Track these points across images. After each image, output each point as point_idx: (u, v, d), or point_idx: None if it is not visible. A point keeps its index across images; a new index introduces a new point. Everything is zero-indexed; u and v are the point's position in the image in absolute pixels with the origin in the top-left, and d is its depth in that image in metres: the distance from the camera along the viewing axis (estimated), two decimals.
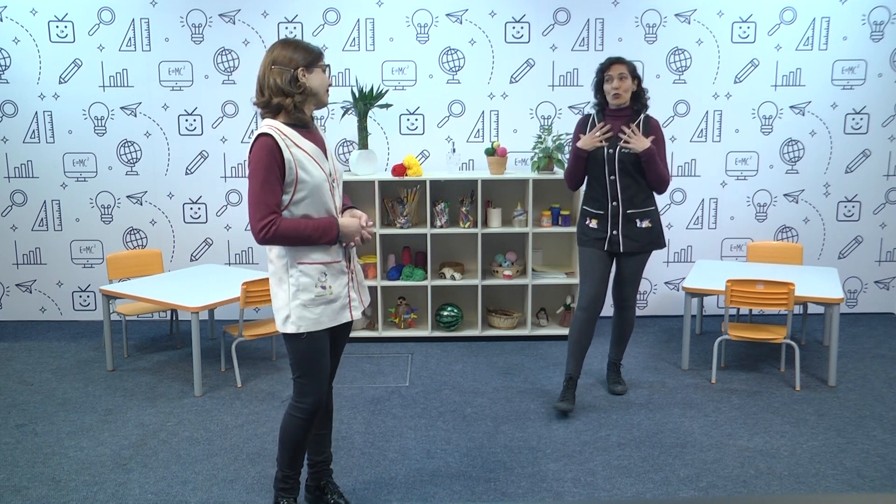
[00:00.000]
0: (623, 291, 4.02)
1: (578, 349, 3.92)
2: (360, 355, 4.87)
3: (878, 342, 5.10)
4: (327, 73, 2.68)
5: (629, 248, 3.86)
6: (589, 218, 3.93)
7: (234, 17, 5.27)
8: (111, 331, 4.64)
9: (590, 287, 3.90)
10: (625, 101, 3.77)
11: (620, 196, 3.81)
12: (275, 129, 2.56)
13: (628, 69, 3.74)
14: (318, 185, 2.60)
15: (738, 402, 4.07)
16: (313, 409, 2.73)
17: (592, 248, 3.91)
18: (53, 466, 3.39)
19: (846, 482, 3.24)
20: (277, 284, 2.67)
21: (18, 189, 5.51)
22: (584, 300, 3.91)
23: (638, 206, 3.84)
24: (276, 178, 2.53)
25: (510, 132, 5.41)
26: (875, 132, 5.48)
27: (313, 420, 2.76)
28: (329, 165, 2.67)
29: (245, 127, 5.41)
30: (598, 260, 3.90)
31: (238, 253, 5.59)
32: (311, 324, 2.64)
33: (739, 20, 5.32)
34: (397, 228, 5.09)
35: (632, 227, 3.85)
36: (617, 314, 4.15)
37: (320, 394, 2.73)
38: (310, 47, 2.63)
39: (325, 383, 2.75)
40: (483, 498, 3.12)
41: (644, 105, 3.84)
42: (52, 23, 5.28)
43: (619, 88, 3.72)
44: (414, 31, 5.30)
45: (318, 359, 2.70)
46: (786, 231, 5.61)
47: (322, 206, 2.63)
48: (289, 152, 2.54)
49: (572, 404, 3.90)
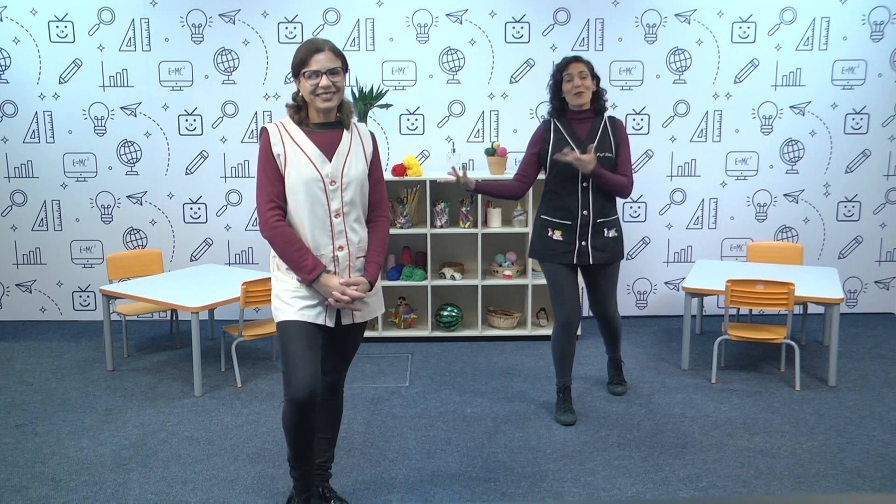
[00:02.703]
0: (601, 305, 3.88)
1: (564, 363, 3.82)
2: (360, 355, 4.87)
3: (878, 342, 5.10)
4: (314, 78, 2.59)
5: (598, 259, 3.70)
6: (552, 229, 3.71)
7: (234, 17, 5.27)
8: (111, 331, 4.64)
9: (563, 304, 3.72)
10: (587, 100, 3.61)
11: (592, 205, 3.65)
12: (276, 124, 2.68)
13: (588, 68, 3.59)
14: (306, 184, 2.61)
15: (738, 402, 4.07)
16: (293, 398, 2.64)
17: (558, 262, 3.71)
18: (53, 466, 3.39)
19: (846, 482, 3.24)
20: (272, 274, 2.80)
21: (18, 189, 5.51)
22: (563, 318, 3.73)
23: (606, 215, 3.69)
24: (275, 168, 2.62)
25: (510, 132, 5.41)
26: (875, 132, 5.48)
27: (302, 412, 2.66)
28: (331, 168, 2.65)
29: (245, 127, 5.41)
30: (566, 274, 3.71)
31: (238, 253, 5.59)
32: (282, 313, 2.69)
33: (739, 20, 5.32)
34: (397, 228, 5.09)
35: (599, 236, 3.69)
36: (601, 325, 4.03)
37: (299, 385, 2.62)
38: (297, 54, 2.63)
39: (303, 375, 2.63)
40: (483, 498, 3.12)
41: (603, 106, 3.69)
42: (52, 23, 5.28)
43: (580, 86, 3.55)
44: (414, 31, 5.30)
45: (290, 348, 2.65)
46: (786, 231, 5.61)
47: (309, 206, 2.63)
48: (280, 147, 2.62)
49: (574, 415, 3.83)
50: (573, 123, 3.68)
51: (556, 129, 3.69)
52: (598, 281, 3.83)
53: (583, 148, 3.59)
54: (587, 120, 3.68)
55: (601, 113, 3.70)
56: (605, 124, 3.68)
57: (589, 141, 3.63)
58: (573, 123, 3.68)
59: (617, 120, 3.74)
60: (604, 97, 3.71)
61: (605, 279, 3.82)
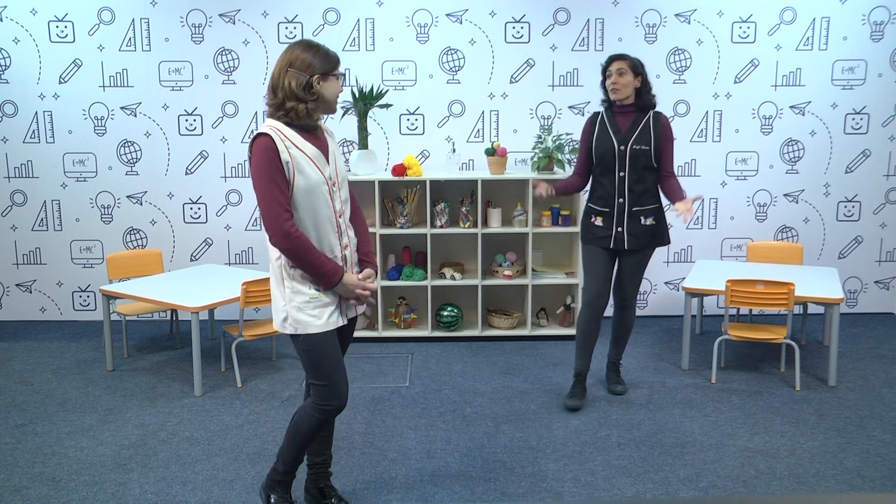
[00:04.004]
0: (624, 289, 4.04)
1: (586, 345, 4.03)
2: (360, 355, 4.87)
3: (878, 342, 5.10)
4: (341, 81, 2.66)
5: (633, 245, 3.90)
6: (594, 216, 3.96)
7: (234, 17, 5.27)
8: (111, 331, 4.64)
9: (593, 283, 3.96)
10: (623, 95, 3.81)
11: (627, 193, 3.85)
12: (274, 130, 2.55)
13: (628, 65, 3.79)
14: (314, 188, 2.57)
15: (738, 402, 4.07)
16: (337, 410, 2.71)
17: (596, 245, 3.95)
18: (53, 466, 3.39)
19: (846, 482, 3.24)
20: (276, 285, 2.68)
21: (18, 189, 5.51)
22: (588, 296, 3.98)
23: (643, 204, 3.88)
24: (283, 176, 2.52)
25: (510, 132, 5.41)
26: (875, 132, 5.48)
27: (330, 421, 2.75)
28: (330, 169, 2.64)
29: (245, 127, 5.41)
30: (601, 257, 3.95)
31: (238, 253, 5.59)
32: (307, 326, 2.63)
33: (739, 20, 5.32)
34: (397, 228, 5.09)
35: (636, 224, 3.88)
36: (617, 313, 4.16)
37: (342, 394, 2.69)
38: (328, 54, 2.61)
39: (342, 383, 2.69)
40: (483, 498, 3.12)
41: (648, 102, 3.87)
42: (52, 23, 5.28)
43: (616, 83, 3.79)
44: (414, 31, 5.30)
45: (326, 359, 2.66)
46: (786, 231, 5.61)
47: (318, 210, 2.60)
48: (287, 153, 2.52)
49: (581, 400, 4.00)
50: (616, 117, 3.89)
51: (601, 121, 3.92)
52: (626, 265, 4.00)
53: (621, 138, 3.82)
54: (630, 114, 3.87)
55: (645, 109, 3.87)
56: (648, 119, 3.86)
57: (629, 134, 3.82)
58: (616, 117, 3.89)
59: (661, 116, 3.90)
60: (649, 95, 3.88)
61: (633, 264, 3.98)
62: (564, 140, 5.06)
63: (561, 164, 5.02)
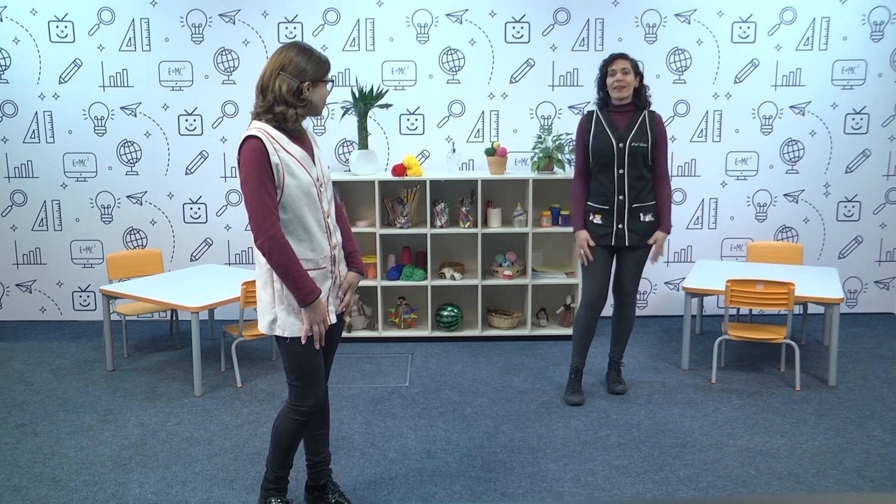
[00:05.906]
0: (624, 286, 4.06)
1: (582, 342, 4.08)
2: (360, 355, 4.87)
3: (878, 342, 5.10)
4: (330, 86, 2.66)
5: (634, 241, 3.94)
6: (592, 214, 3.98)
7: (234, 17, 5.27)
8: (111, 331, 4.64)
9: (593, 283, 4.00)
10: (627, 94, 3.85)
11: (628, 190, 3.88)
12: (263, 132, 2.53)
13: (631, 65, 3.84)
14: (306, 189, 2.57)
15: (738, 402, 4.07)
16: (311, 411, 2.72)
17: (596, 244, 3.97)
18: (53, 466, 3.39)
19: (846, 482, 3.24)
20: (262, 287, 2.66)
21: (18, 189, 5.51)
22: (588, 297, 4.02)
23: (643, 201, 3.92)
24: (272, 179, 2.51)
25: (510, 132, 5.41)
26: (875, 132, 5.48)
27: (309, 422, 2.76)
28: (317, 170, 2.65)
29: (245, 127, 5.39)
30: (600, 257, 3.98)
31: (238, 253, 5.59)
32: (297, 329, 2.62)
33: (739, 20, 5.32)
34: (397, 228, 5.09)
35: (636, 220, 3.91)
36: (617, 310, 4.17)
37: (318, 396, 2.72)
38: (321, 60, 2.60)
39: (321, 385, 2.73)
40: (483, 498, 3.12)
41: (646, 101, 3.92)
42: (52, 23, 5.28)
43: (622, 81, 3.82)
44: (414, 31, 5.30)
45: (310, 361, 2.67)
46: (786, 231, 5.61)
47: (308, 211, 2.59)
48: (276, 156, 2.51)
49: (582, 396, 4.06)
50: (613, 115, 3.91)
51: (597, 119, 3.94)
52: (626, 261, 4.02)
53: (619, 136, 3.84)
54: (627, 113, 3.90)
55: (642, 109, 3.91)
56: (645, 117, 3.90)
57: (627, 131, 3.84)
58: (613, 115, 3.91)
59: (657, 115, 3.94)
60: (646, 94, 3.92)
61: (633, 261, 4.01)
62: (564, 140, 5.06)
63: (561, 164, 5.02)
